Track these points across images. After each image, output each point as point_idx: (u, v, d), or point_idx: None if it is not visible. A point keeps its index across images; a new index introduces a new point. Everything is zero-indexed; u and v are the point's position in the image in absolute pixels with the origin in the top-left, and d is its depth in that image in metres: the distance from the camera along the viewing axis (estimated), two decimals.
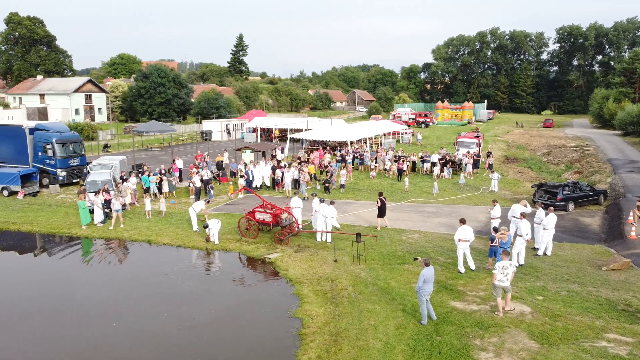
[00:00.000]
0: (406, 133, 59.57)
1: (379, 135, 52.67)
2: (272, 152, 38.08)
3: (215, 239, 20.03)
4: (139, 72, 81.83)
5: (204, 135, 59.37)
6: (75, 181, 31.49)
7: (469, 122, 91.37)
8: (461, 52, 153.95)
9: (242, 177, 28.65)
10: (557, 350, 11.25)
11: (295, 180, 29.25)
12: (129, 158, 36.50)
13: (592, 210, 25.75)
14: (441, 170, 34.48)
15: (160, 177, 28.12)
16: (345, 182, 30.57)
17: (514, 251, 16.88)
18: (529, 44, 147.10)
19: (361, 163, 37.99)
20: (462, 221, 16.53)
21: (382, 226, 21.87)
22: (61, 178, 30.75)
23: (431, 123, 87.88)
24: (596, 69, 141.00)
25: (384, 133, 54.06)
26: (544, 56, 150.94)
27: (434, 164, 34.85)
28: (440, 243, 19.74)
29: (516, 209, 19.25)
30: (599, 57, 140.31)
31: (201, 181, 27.80)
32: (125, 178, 27.52)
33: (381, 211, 21.63)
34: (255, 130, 60.55)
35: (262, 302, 14.86)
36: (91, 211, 23.02)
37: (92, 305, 14.77)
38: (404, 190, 30.01)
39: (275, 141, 53.55)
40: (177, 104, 79.73)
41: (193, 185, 26.98)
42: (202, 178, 28.07)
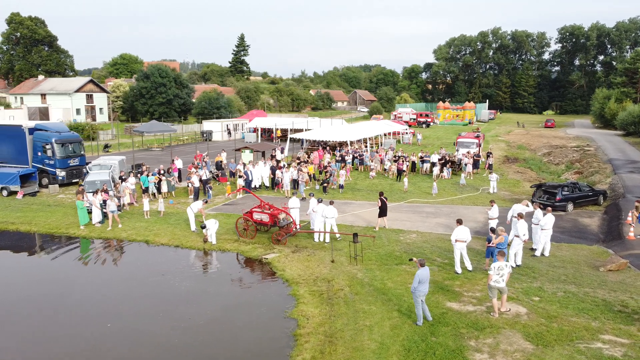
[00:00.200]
0: (407, 133, 59.50)
1: (379, 135, 52.61)
2: (272, 152, 38.06)
3: (212, 239, 20.02)
4: (140, 72, 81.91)
5: (205, 135, 59.40)
6: (74, 181, 31.53)
7: (470, 122, 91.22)
8: (463, 52, 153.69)
9: (241, 177, 28.63)
10: (552, 351, 11.21)
11: (294, 180, 29.24)
12: (129, 158, 36.53)
13: (592, 210, 25.68)
14: (441, 170, 34.43)
15: (159, 177, 28.13)
16: (344, 183, 30.54)
17: (511, 252, 16.84)
18: (531, 44, 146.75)
19: (361, 163, 37.97)
20: (459, 222, 16.51)
21: (381, 226, 21.84)
22: (60, 178, 30.79)
23: (432, 123, 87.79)
24: (598, 69, 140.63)
25: (385, 133, 54.02)
26: (546, 56, 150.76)
27: (434, 164, 34.80)
28: (438, 243, 19.71)
29: (517, 209, 19.23)
30: (601, 57, 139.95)
31: (200, 181, 27.84)
32: (124, 178, 27.52)
33: (382, 211, 21.59)
34: (255, 130, 60.56)
35: (258, 303, 14.85)
36: (89, 211, 23.03)
37: (88, 305, 14.77)
38: (403, 190, 29.97)
39: (277, 141, 53.48)
40: (178, 104, 79.83)
41: (192, 185, 26.98)
42: (201, 178, 28.12)
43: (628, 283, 15.36)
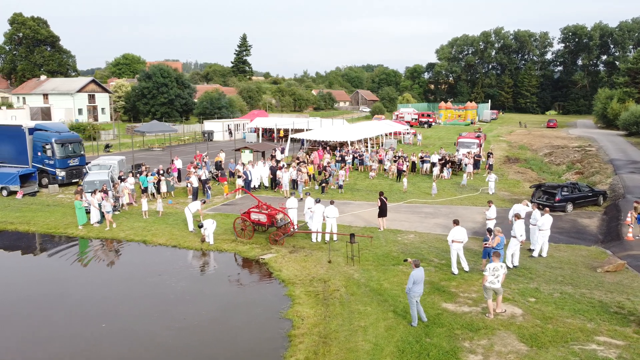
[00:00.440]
0: (408, 133, 59.40)
1: (380, 135, 52.54)
2: (272, 153, 38.04)
3: (210, 240, 20.01)
4: (142, 72, 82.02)
5: (206, 135, 59.45)
6: (74, 181, 31.58)
7: (472, 122, 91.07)
8: (465, 52, 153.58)
9: (240, 178, 28.62)
10: (546, 353, 11.15)
11: (293, 180, 29.21)
12: (128, 158, 36.58)
13: (591, 211, 25.57)
14: (441, 170, 34.36)
15: (158, 177, 28.14)
16: (343, 183, 30.48)
17: (508, 252, 16.79)
18: (534, 44, 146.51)
19: (361, 163, 37.93)
20: (456, 222, 16.47)
21: (377, 227, 21.79)
22: (60, 178, 30.86)
23: (434, 123, 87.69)
24: (601, 69, 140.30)
25: (386, 133, 53.95)
26: (549, 56, 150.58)
27: (434, 165, 34.73)
28: (435, 244, 19.65)
29: (518, 209, 19.18)
30: (604, 57, 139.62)
31: (200, 181, 27.86)
32: (123, 178, 27.54)
33: (382, 211, 21.54)
34: (256, 130, 60.55)
35: (254, 303, 14.83)
36: (88, 211, 23.05)
37: (82, 305, 14.77)
38: (403, 190, 29.91)
39: (280, 141, 53.37)
40: (180, 104, 79.91)
41: (190, 185, 26.98)
42: (201, 178, 28.13)
43: (625, 284, 15.27)
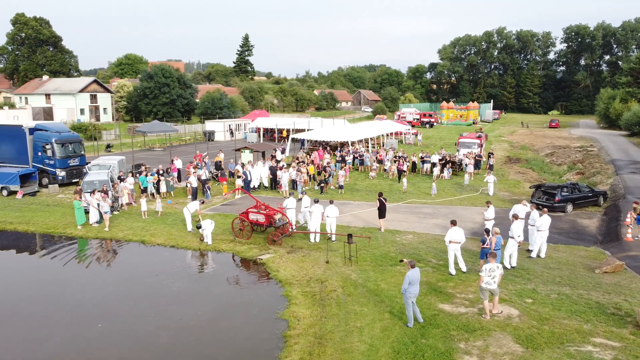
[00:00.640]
0: (409, 133, 59.30)
1: (381, 135, 52.48)
2: (272, 153, 38.03)
3: (208, 240, 20.01)
4: (144, 73, 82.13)
5: (207, 135, 59.47)
6: (74, 181, 31.62)
7: (474, 122, 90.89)
8: (467, 52, 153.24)
9: (240, 178, 28.62)
10: (541, 354, 11.10)
11: (293, 180, 29.19)
12: (129, 158, 36.62)
13: (591, 211, 25.48)
14: (441, 171, 34.29)
15: (157, 177, 28.16)
16: (343, 183, 30.44)
17: (506, 253, 16.74)
18: (536, 44, 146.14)
19: (361, 164, 37.88)
20: (453, 223, 16.41)
21: (377, 228, 21.76)
22: (60, 178, 30.91)
23: (436, 123, 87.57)
24: (604, 69, 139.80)
25: (387, 133, 53.89)
26: (551, 56, 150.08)
27: (434, 165, 34.66)
28: (433, 244, 19.60)
29: (518, 210, 19.14)
30: (607, 57, 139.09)
31: (200, 181, 27.88)
32: (122, 178, 27.56)
33: (381, 212, 21.49)
34: (258, 130, 60.52)
35: (250, 304, 14.82)
36: (87, 211, 23.08)
37: (79, 305, 14.79)
38: (402, 191, 29.86)
39: (282, 142, 53.26)
40: (182, 104, 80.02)
41: (190, 185, 26.99)
42: (200, 178, 28.16)
43: (623, 285, 15.20)
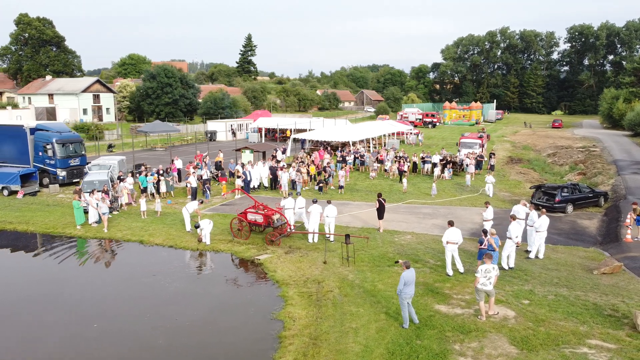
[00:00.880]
0: (411, 133, 59.20)
1: (383, 135, 52.40)
2: (273, 153, 38.02)
3: (206, 240, 20.01)
4: (146, 73, 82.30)
5: (209, 135, 59.51)
6: (75, 181, 31.68)
7: (477, 123, 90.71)
8: (471, 52, 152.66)
9: (239, 178, 28.62)
10: (536, 356, 11.04)
11: (293, 180, 29.18)
12: (129, 158, 36.67)
13: (591, 212, 25.36)
14: (442, 171, 34.20)
15: (157, 177, 28.19)
16: (343, 183, 30.39)
17: (504, 254, 16.67)
18: (539, 44, 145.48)
19: (362, 164, 37.83)
20: (451, 223, 16.35)
21: (375, 228, 21.71)
22: (61, 178, 30.98)
23: (438, 123, 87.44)
24: (607, 69, 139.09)
25: (389, 133, 53.80)
26: (555, 56, 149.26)
27: (435, 165, 34.58)
28: (432, 245, 19.54)
29: (517, 210, 19.08)
30: (611, 57, 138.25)
31: (200, 180, 27.93)
32: (122, 178, 27.60)
33: (379, 212, 21.45)
34: (259, 130, 60.51)
35: (247, 304, 14.81)
36: (86, 211, 23.12)
37: (76, 305, 14.80)
38: (402, 191, 29.79)
39: (284, 142, 53.19)
40: (184, 104, 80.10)
41: (189, 185, 27.00)
42: (202, 177, 28.21)
43: (621, 286, 15.11)
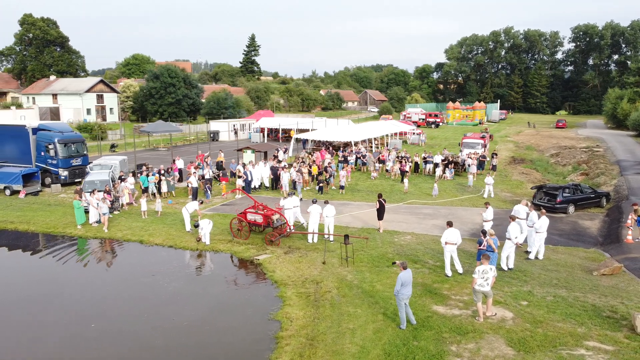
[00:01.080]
0: (414, 133, 59.09)
1: (385, 135, 52.32)
2: (274, 153, 38.03)
3: (206, 240, 20.01)
4: (150, 73, 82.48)
5: (212, 135, 59.58)
6: (77, 181, 31.75)
7: (481, 123, 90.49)
8: (474, 52, 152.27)
9: (240, 178, 28.63)
10: (533, 357, 10.98)
11: (293, 180, 29.16)
12: (131, 158, 36.73)
13: (593, 212, 25.23)
14: (443, 171, 34.12)
15: (158, 177, 28.23)
16: (344, 183, 30.36)
17: (503, 254, 16.59)
18: (544, 44, 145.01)
19: (363, 164, 37.79)
20: (449, 224, 16.30)
21: (375, 229, 21.67)
22: (63, 178, 31.07)
23: (442, 123, 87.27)
24: (612, 69, 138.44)
25: (392, 133, 53.71)
26: (559, 56, 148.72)
27: (437, 165, 34.49)
28: (432, 245, 19.49)
29: (518, 210, 19.00)
30: (615, 57, 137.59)
31: (202, 179, 27.96)
32: (123, 178, 27.66)
33: (379, 213, 21.41)
34: (262, 130, 60.53)
35: (245, 304, 14.79)
36: (87, 211, 23.17)
37: (74, 305, 14.83)
38: (404, 191, 29.73)
39: (287, 142, 53.16)
40: (187, 104, 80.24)
41: (190, 185, 27.03)
42: (204, 177, 28.24)
43: (620, 288, 15.02)
